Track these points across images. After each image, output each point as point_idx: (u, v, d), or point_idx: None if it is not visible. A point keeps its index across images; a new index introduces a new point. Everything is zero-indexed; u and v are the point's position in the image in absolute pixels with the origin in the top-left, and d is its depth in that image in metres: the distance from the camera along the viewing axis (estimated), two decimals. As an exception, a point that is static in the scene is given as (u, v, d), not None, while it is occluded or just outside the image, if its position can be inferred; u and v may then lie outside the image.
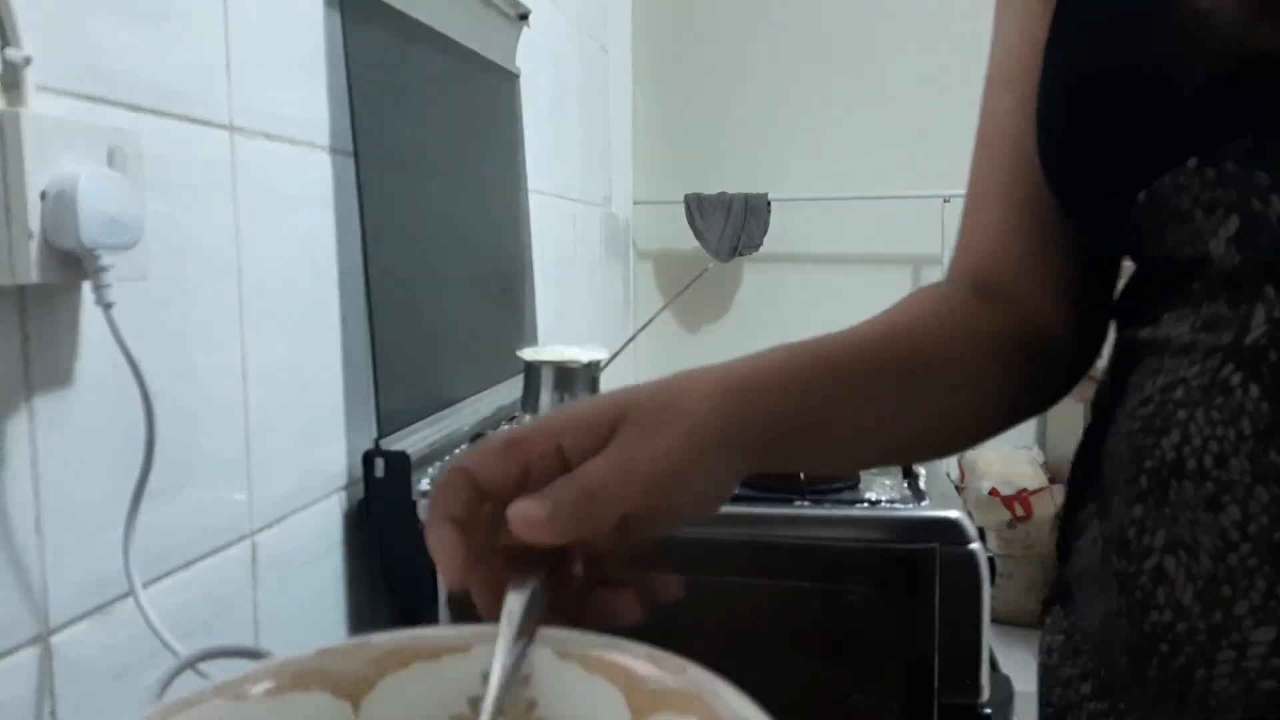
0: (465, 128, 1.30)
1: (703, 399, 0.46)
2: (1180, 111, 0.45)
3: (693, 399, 0.46)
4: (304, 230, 0.93)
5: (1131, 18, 0.46)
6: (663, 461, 0.44)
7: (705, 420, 0.45)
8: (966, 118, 0.99)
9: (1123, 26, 0.47)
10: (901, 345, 0.56)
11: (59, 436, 0.64)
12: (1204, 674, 0.45)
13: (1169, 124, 0.45)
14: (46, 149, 0.59)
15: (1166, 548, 0.46)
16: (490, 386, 1.31)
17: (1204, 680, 0.45)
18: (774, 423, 0.49)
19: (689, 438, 0.45)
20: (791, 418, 0.50)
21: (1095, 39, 0.49)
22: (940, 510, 0.89)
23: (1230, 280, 0.45)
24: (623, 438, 0.44)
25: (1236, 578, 0.43)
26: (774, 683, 0.96)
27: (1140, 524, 0.48)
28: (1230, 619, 0.44)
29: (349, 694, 0.46)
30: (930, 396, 0.55)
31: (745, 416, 0.47)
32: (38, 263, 0.59)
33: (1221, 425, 0.44)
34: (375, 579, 1.04)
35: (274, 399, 0.88)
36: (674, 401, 0.46)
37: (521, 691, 0.46)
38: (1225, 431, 0.44)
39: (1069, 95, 0.50)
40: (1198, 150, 0.44)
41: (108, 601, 0.68)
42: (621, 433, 0.44)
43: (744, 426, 0.47)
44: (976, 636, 0.87)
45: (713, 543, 0.91)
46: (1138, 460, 0.48)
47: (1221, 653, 0.44)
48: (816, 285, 3.02)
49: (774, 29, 3.06)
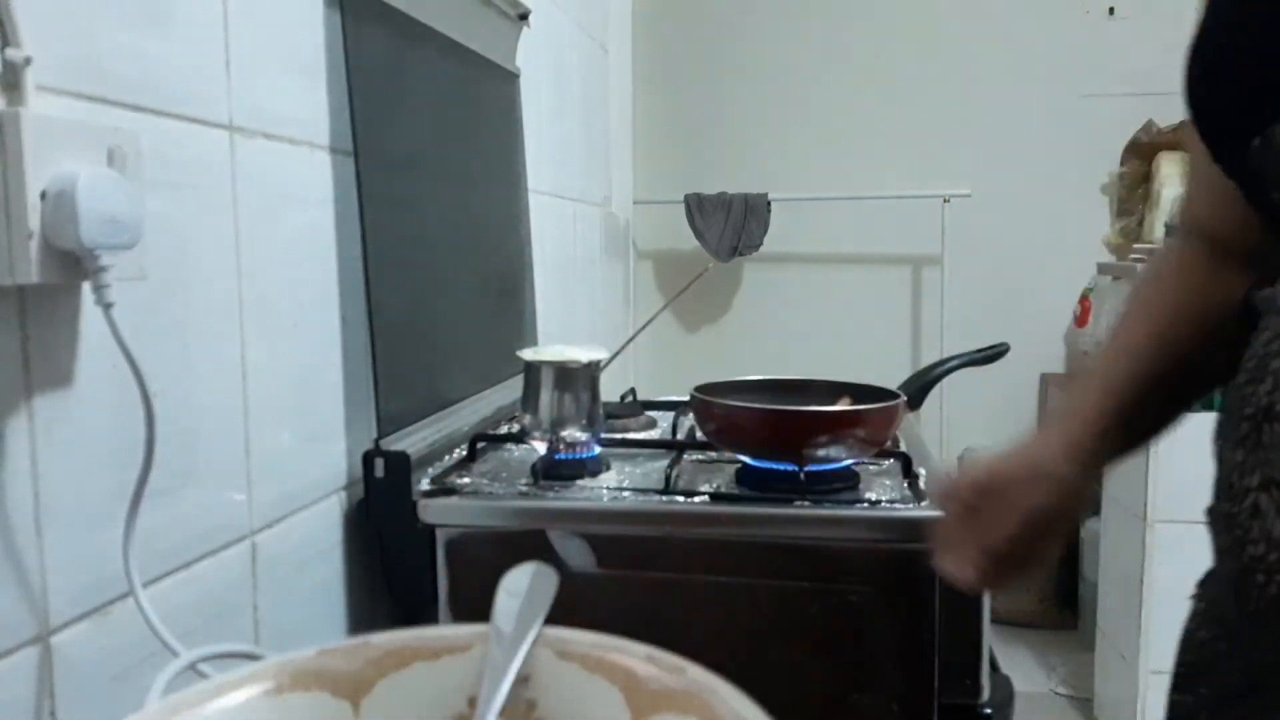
0: (465, 128, 1.30)
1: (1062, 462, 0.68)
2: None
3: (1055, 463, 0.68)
4: (304, 230, 0.93)
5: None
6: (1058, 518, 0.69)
7: (1073, 478, 0.67)
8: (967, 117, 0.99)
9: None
10: (1181, 344, 0.68)
11: (59, 437, 0.64)
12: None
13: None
14: (46, 149, 0.59)
15: (1261, 486, 0.51)
16: (490, 386, 1.31)
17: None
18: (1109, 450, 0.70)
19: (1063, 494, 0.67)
20: (1118, 439, 0.69)
21: (1255, 21, 0.55)
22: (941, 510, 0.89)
23: None
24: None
25: None
26: (774, 683, 0.96)
27: (1240, 467, 0.53)
28: None
29: (349, 694, 0.46)
30: (1207, 368, 0.68)
31: (1095, 462, 0.69)
32: (38, 263, 0.59)
33: None
34: (375, 579, 1.04)
35: (274, 399, 0.88)
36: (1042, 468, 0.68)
37: (521, 691, 0.46)
38: None
39: (1211, 43, 0.57)
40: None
41: (107, 602, 0.68)
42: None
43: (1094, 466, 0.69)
44: (976, 637, 0.88)
45: (713, 543, 0.91)
46: (1241, 408, 0.53)
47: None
48: (816, 285, 3.02)
49: (774, 28, 3.06)
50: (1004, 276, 2.99)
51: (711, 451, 1.09)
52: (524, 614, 0.48)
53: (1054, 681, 2.59)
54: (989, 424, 3.07)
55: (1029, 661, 2.69)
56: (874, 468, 1.06)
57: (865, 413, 0.97)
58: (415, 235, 1.11)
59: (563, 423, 1.04)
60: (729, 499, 0.94)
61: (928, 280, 3.05)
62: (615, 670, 0.45)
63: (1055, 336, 3.07)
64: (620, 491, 0.97)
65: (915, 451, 1.09)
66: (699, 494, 0.95)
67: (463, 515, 0.95)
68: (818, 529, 0.89)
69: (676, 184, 2.97)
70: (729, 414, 0.98)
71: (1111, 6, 2.88)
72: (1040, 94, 2.84)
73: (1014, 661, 2.65)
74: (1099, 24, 2.90)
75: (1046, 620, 2.88)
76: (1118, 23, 2.86)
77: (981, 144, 2.88)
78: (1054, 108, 2.84)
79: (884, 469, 1.06)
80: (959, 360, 1.17)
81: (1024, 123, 2.85)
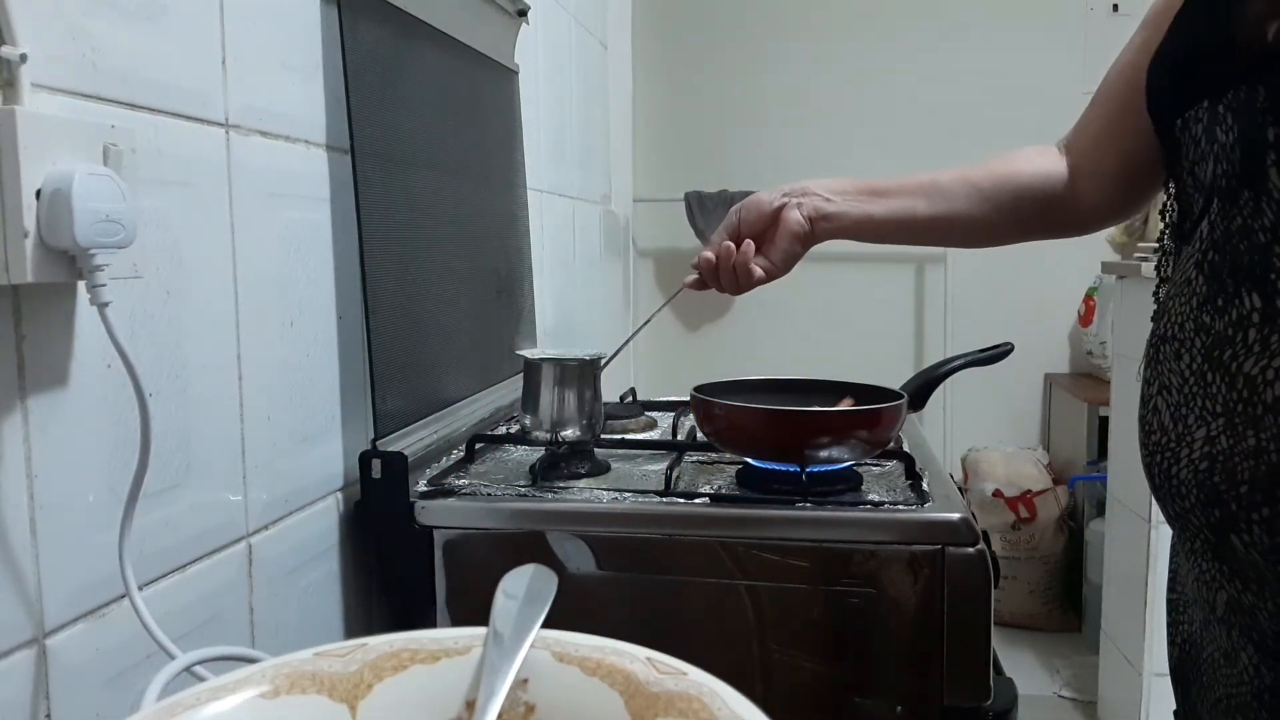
0: (463, 125, 1.29)
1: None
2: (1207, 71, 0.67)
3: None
4: (300, 228, 0.93)
5: (1217, 26, 0.67)
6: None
7: None
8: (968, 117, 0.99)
9: (1206, 19, 0.69)
10: (988, 166, 0.97)
11: (54, 437, 0.63)
12: (1175, 470, 0.65)
13: (1199, 78, 0.67)
14: (41, 147, 0.59)
15: (1158, 391, 0.68)
16: (488, 386, 1.31)
17: (1176, 473, 0.65)
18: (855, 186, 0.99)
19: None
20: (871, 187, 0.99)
21: (1196, 22, 0.70)
22: (944, 512, 0.88)
23: (1206, 197, 0.66)
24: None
25: (1189, 400, 0.64)
26: (777, 686, 0.96)
27: (1148, 380, 0.70)
28: (1186, 427, 0.64)
29: (346, 697, 0.46)
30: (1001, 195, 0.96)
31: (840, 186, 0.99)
32: (33, 262, 0.58)
33: (1184, 302, 0.66)
34: (372, 581, 1.04)
35: (270, 399, 0.88)
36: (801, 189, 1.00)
37: (519, 694, 0.46)
38: (1183, 306, 0.66)
39: (1167, 42, 0.73)
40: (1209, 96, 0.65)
41: (103, 604, 0.67)
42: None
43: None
44: (981, 639, 0.87)
45: (714, 544, 0.90)
46: (1150, 338, 0.71)
47: (1182, 451, 0.65)
48: (818, 284, 3.02)
49: (775, 25, 3.06)
50: (1008, 276, 2.98)
51: (712, 452, 1.09)
52: (522, 616, 0.48)
53: (1058, 684, 2.58)
54: (993, 424, 3.07)
55: (1033, 664, 2.68)
56: (876, 469, 1.06)
57: (868, 413, 0.97)
58: (412, 234, 1.10)
59: (564, 422, 1.03)
60: (730, 500, 0.94)
61: (931, 279, 3.05)
62: (615, 673, 0.45)
63: (1060, 336, 3.07)
64: (620, 493, 0.96)
65: (918, 452, 1.09)
66: (699, 495, 0.94)
67: (461, 517, 0.94)
68: (820, 531, 0.89)
69: (677, 181, 2.97)
70: (730, 414, 0.98)
71: (1115, 3, 2.88)
72: (1044, 91, 2.84)
73: (1018, 664, 2.65)
74: (1103, 20, 2.90)
75: (1050, 623, 2.87)
76: (1121, 19, 2.85)
77: (985, 142, 2.87)
78: (1058, 105, 2.83)
79: (886, 470, 1.05)
80: (962, 360, 1.17)
81: (1028, 120, 2.85)
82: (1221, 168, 0.64)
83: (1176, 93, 0.69)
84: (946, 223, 0.96)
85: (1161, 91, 0.72)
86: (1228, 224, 0.63)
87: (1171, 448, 0.65)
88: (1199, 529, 0.64)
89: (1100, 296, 2.83)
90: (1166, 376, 0.67)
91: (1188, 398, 0.65)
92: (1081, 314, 2.94)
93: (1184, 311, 0.66)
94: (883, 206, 0.97)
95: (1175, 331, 0.66)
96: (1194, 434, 0.64)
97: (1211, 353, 0.63)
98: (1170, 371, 0.67)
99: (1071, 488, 2.90)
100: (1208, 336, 0.63)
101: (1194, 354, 0.64)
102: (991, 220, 0.95)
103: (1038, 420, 3.11)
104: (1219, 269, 0.63)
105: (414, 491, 0.96)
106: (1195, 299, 0.65)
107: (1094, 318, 2.86)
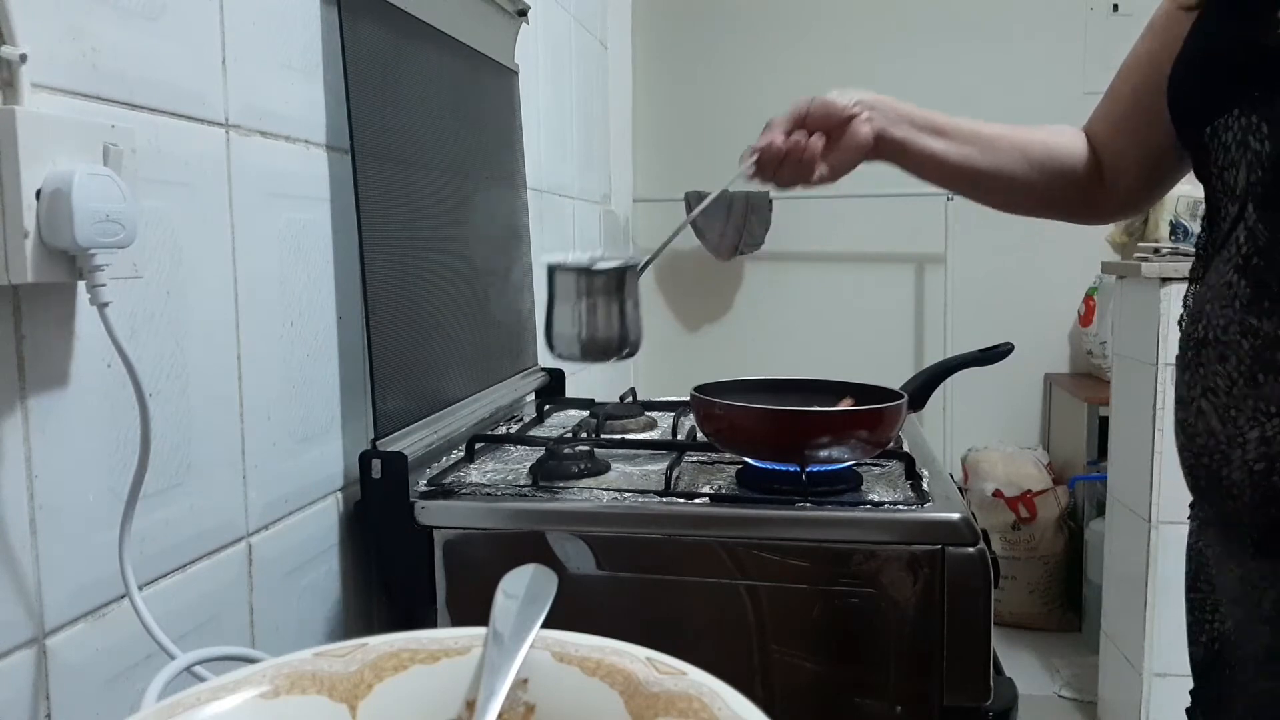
0: (463, 125, 1.29)
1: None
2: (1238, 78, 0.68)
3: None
4: (300, 228, 0.93)
5: (1243, 34, 0.69)
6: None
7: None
8: (970, 114, 0.99)
9: (1230, 27, 0.70)
10: (1035, 134, 0.97)
11: (54, 437, 0.63)
12: (1226, 471, 0.66)
13: (1228, 86, 0.68)
14: (41, 147, 0.59)
15: (1201, 394, 0.69)
16: (488, 386, 1.31)
17: (1227, 475, 0.66)
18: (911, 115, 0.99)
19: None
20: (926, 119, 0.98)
21: (1219, 29, 0.72)
22: (944, 512, 0.88)
23: (1241, 203, 0.67)
24: None
25: (1238, 402, 0.65)
26: (777, 686, 0.96)
27: (1188, 383, 0.71)
28: (1236, 428, 0.65)
29: (346, 697, 0.46)
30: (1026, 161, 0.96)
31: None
32: (33, 262, 0.58)
33: (1225, 305, 0.67)
34: (372, 581, 1.04)
35: (270, 399, 0.88)
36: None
37: (519, 694, 0.46)
38: (1225, 309, 0.67)
39: (1188, 50, 0.74)
40: (1240, 104, 0.67)
41: (103, 604, 0.67)
42: None
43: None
44: (981, 639, 0.87)
45: (714, 544, 0.90)
46: (1185, 341, 0.72)
47: (1234, 453, 0.65)
48: (819, 284, 3.01)
49: (775, 25, 3.06)
50: (1008, 275, 2.98)
51: (712, 452, 1.09)
52: (522, 616, 0.48)
53: (1058, 684, 2.58)
54: (993, 424, 3.07)
55: (1033, 664, 2.68)
56: (876, 469, 1.05)
57: (868, 413, 0.97)
58: (412, 233, 1.10)
59: (595, 342, 0.95)
60: (730, 500, 0.94)
61: (931, 279, 3.05)
62: (615, 673, 0.45)
63: (1060, 336, 3.07)
64: (620, 493, 0.96)
65: (918, 452, 1.09)
66: (699, 495, 0.94)
67: (461, 517, 0.94)
68: (820, 530, 0.89)
69: (677, 181, 2.96)
70: (730, 414, 0.98)
71: (1115, 3, 2.88)
72: (1044, 91, 2.83)
73: (1018, 664, 2.64)
74: (1103, 20, 2.89)
75: (1050, 623, 2.87)
76: (1122, 19, 2.85)
77: (983, 143, 2.87)
78: (1058, 105, 2.83)
79: (886, 470, 1.05)
80: (962, 360, 1.17)
81: (1028, 120, 2.85)
82: (1255, 175, 0.65)
83: (1203, 99, 0.71)
84: (995, 180, 0.97)
85: (1187, 98, 0.74)
86: (1272, 230, 0.64)
87: (1221, 450, 0.66)
88: (1249, 529, 0.65)
89: (1100, 296, 2.83)
90: (1211, 379, 0.67)
91: (1237, 400, 0.65)
92: (1081, 314, 2.94)
93: (1226, 315, 0.67)
94: (944, 146, 0.97)
95: (1218, 335, 0.67)
96: (1246, 435, 0.64)
97: (1262, 354, 0.64)
98: (1215, 374, 0.67)
99: (1071, 488, 2.89)
100: (1256, 338, 0.64)
101: (1241, 356, 0.65)
102: (1034, 188, 0.96)
103: (1038, 420, 3.11)
104: (1262, 272, 0.65)
105: (414, 491, 0.96)
106: (1238, 302, 0.66)
107: (1094, 318, 2.86)
